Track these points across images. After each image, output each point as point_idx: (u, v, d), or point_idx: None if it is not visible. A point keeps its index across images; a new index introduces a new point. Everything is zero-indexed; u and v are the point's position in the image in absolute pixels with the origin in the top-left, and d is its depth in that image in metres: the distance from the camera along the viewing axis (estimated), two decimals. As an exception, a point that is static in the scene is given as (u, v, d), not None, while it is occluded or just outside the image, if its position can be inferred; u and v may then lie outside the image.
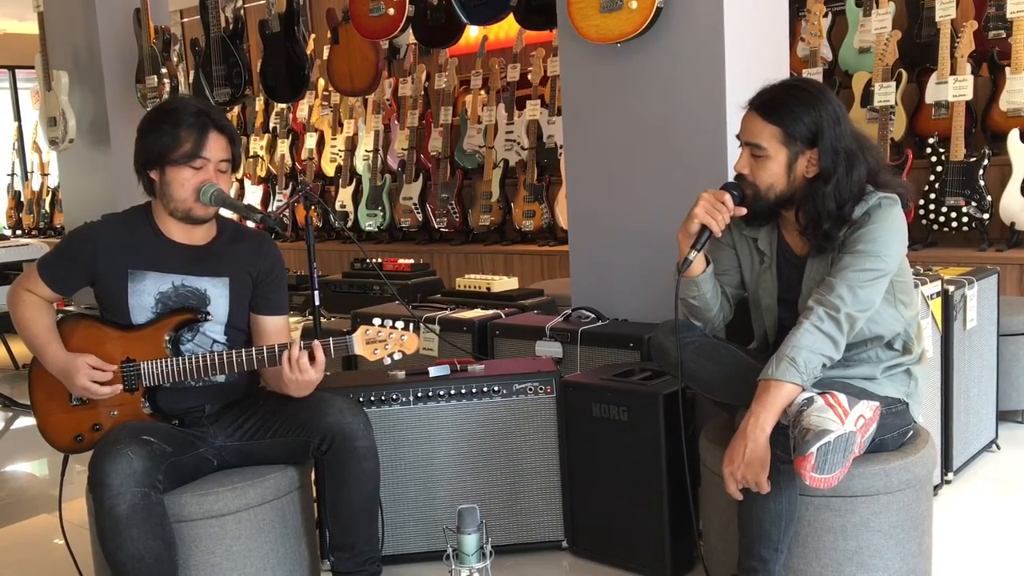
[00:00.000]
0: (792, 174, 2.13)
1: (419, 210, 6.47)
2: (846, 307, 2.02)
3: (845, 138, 2.11)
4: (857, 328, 2.07)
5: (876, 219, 2.08)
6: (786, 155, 2.12)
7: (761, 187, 2.16)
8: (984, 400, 3.21)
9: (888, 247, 2.07)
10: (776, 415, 2.00)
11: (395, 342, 2.23)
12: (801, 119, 2.09)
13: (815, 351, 2.01)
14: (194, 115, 2.26)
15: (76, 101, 5.79)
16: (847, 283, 2.04)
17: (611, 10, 2.94)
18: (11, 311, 2.33)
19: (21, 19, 9.24)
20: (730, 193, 2.18)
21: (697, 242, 2.21)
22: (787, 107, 2.11)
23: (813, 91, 2.14)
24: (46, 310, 2.33)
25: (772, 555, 2.04)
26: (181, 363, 2.24)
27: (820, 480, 1.90)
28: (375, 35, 4.45)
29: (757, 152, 2.14)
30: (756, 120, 2.14)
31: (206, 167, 2.27)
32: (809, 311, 2.06)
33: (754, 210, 2.20)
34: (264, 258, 2.41)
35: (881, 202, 2.09)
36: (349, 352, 2.22)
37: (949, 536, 2.67)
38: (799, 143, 2.11)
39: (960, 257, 4.19)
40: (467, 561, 2.17)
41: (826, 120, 2.09)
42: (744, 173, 2.18)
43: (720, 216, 2.17)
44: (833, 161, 2.09)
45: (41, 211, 9.61)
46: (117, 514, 2.01)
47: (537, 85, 5.97)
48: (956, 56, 4.45)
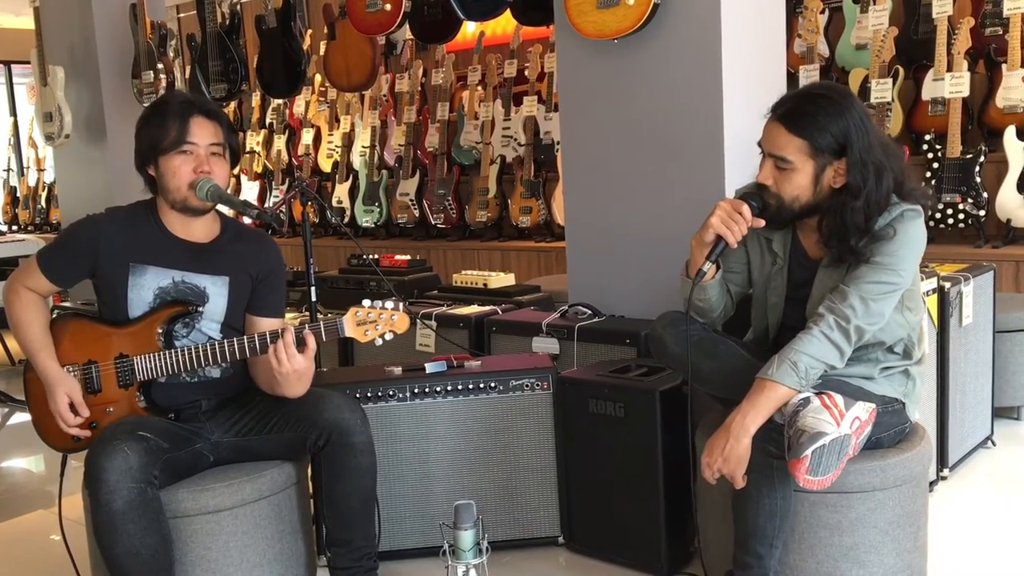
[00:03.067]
0: (819, 185, 2.07)
1: (416, 206, 6.46)
2: (856, 319, 2.00)
3: (873, 149, 2.03)
4: (865, 339, 2.06)
5: (896, 231, 2.03)
6: (813, 167, 2.05)
7: (786, 199, 2.10)
8: (980, 397, 3.21)
9: (906, 261, 2.04)
10: (764, 415, 1.99)
11: (386, 322, 2.21)
12: (828, 130, 2.02)
13: (818, 358, 2.00)
14: (180, 104, 2.28)
15: (72, 96, 5.77)
16: (860, 294, 2.01)
17: (608, 6, 2.93)
18: (7, 308, 2.31)
19: (17, 14, 9.21)
20: (749, 204, 2.12)
21: (712, 253, 2.16)
22: (813, 118, 2.03)
23: (839, 99, 2.05)
24: (42, 311, 2.32)
25: (767, 551, 2.05)
26: (173, 355, 2.24)
27: (814, 482, 1.91)
28: (372, 31, 4.44)
29: (782, 165, 2.07)
30: (781, 132, 2.06)
31: (195, 153, 2.26)
32: (819, 318, 2.03)
33: (777, 220, 2.15)
34: (266, 259, 2.41)
35: (905, 214, 2.05)
36: (340, 335, 2.20)
37: (945, 532, 2.67)
38: (826, 155, 2.04)
39: (956, 254, 4.19)
40: (464, 557, 2.17)
41: (853, 130, 2.02)
42: (768, 184, 2.11)
43: (736, 228, 2.12)
44: (863, 174, 2.01)
45: (37, 207, 9.58)
46: (113, 510, 2.01)
47: (534, 81, 5.96)
48: (953, 53, 4.45)
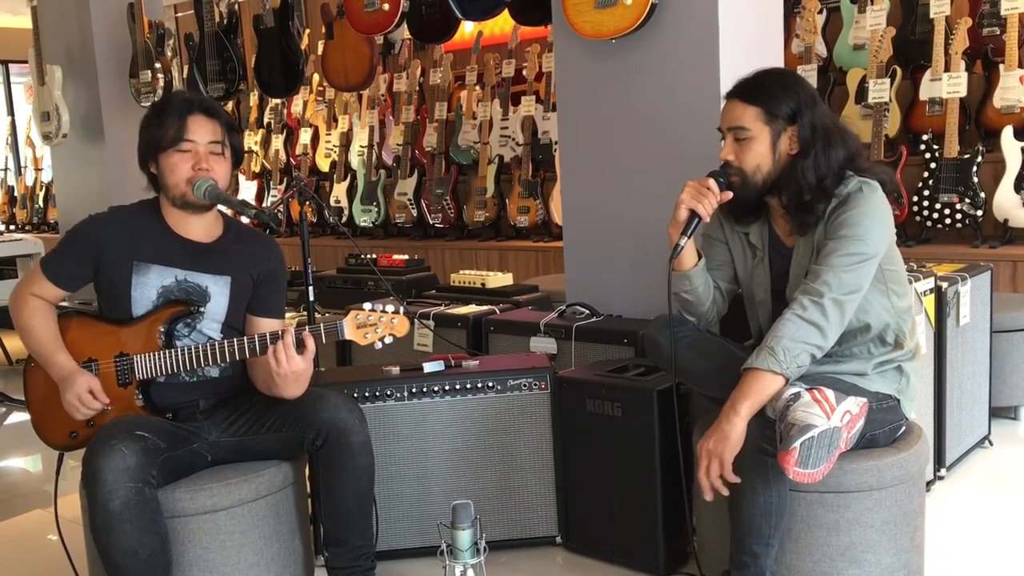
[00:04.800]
0: (777, 152, 2.17)
1: (414, 206, 6.46)
2: (831, 292, 2.04)
3: (823, 116, 2.17)
4: (848, 314, 2.07)
5: (857, 203, 2.10)
6: (769, 134, 2.16)
7: (748, 170, 2.18)
8: (977, 396, 3.22)
9: (870, 231, 2.08)
10: (754, 403, 2.01)
11: (386, 326, 2.22)
12: (780, 98, 2.16)
13: (797, 339, 2.02)
14: (180, 102, 2.29)
15: (70, 96, 5.76)
16: (831, 268, 2.06)
17: (606, 6, 2.94)
18: (15, 316, 2.31)
19: (14, 13, 9.20)
20: (715, 179, 2.21)
21: (687, 229, 2.22)
22: (766, 88, 2.18)
23: (787, 73, 2.26)
24: (51, 316, 2.31)
25: (763, 550, 2.05)
26: (173, 355, 2.24)
27: (804, 475, 1.90)
28: (370, 30, 4.44)
29: (741, 135, 2.17)
30: (736, 104, 2.19)
31: (194, 150, 2.27)
32: (793, 301, 2.08)
33: (744, 197, 2.21)
34: (268, 260, 2.41)
35: (862, 187, 2.12)
36: (340, 337, 2.21)
37: (942, 532, 2.68)
38: (780, 120, 2.16)
39: (953, 254, 4.19)
40: (461, 557, 2.17)
41: (804, 98, 2.16)
42: (730, 159, 2.20)
43: (707, 201, 2.19)
44: (812, 135, 2.14)
45: (35, 206, 9.58)
46: (110, 509, 2.01)
47: (532, 81, 5.96)
48: (950, 53, 4.45)
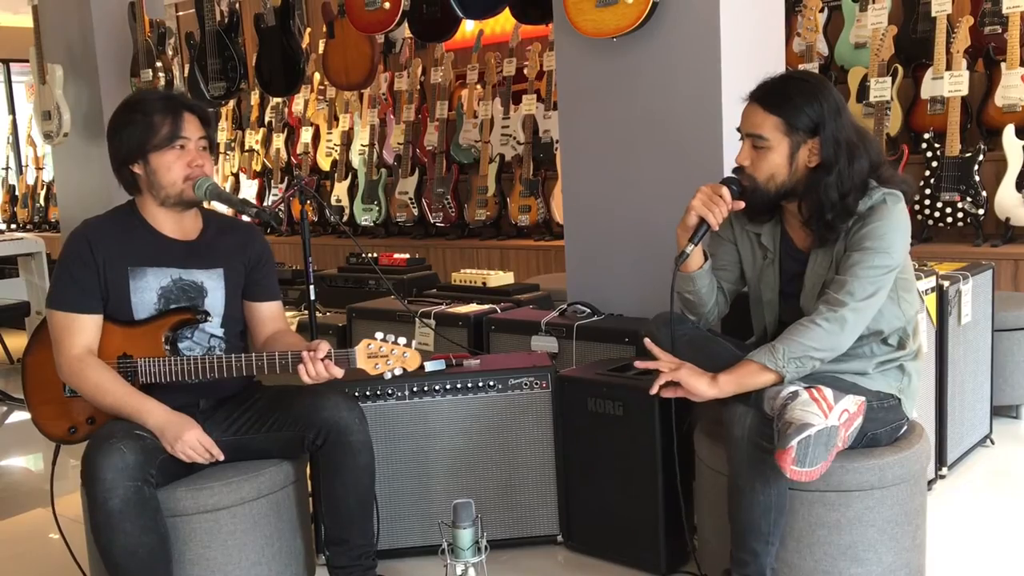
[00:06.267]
0: (794, 164, 2.13)
1: (415, 205, 6.46)
2: (854, 301, 2.04)
3: (846, 129, 2.11)
4: (865, 322, 2.08)
5: (881, 215, 2.08)
6: (788, 145, 2.12)
7: (760, 178, 2.15)
8: (978, 395, 3.21)
9: (894, 243, 2.07)
10: (737, 383, 2.05)
11: (397, 358, 2.24)
12: (802, 109, 2.10)
13: (802, 342, 2.03)
14: (162, 100, 2.28)
15: (71, 95, 5.76)
16: (857, 279, 2.05)
17: (607, 4, 2.93)
18: (78, 386, 2.19)
19: (15, 12, 9.20)
20: (728, 187, 2.18)
21: (695, 235, 2.21)
22: (788, 98, 2.11)
23: (814, 82, 2.15)
24: (109, 368, 2.20)
25: (763, 548, 2.05)
26: (178, 363, 2.23)
27: (801, 473, 1.90)
28: (371, 29, 4.44)
29: (759, 143, 2.14)
30: (757, 111, 2.14)
31: (188, 147, 2.27)
32: (814, 310, 2.08)
33: (754, 203, 2.20)
34: (254, 246, 2.42)
35: (886, 198, 2.10)
36: (351, 366, 2.22)
37: (943, 531, 2.67)
38: (801, 133, 2.11)
39: (955, 252, 4.19)
40: (462, 555, 2.16)
41: (827, 110, 2.10)
42: (744, 165, 2.18)
43: (717, 209, 2.17)
44: (835, 151, 2.09)
45: (36, 205, 9.58)
46: (110, 508, 2.01)
47: (533, 80, 5.96)
48: (952, 51, 4.45)
